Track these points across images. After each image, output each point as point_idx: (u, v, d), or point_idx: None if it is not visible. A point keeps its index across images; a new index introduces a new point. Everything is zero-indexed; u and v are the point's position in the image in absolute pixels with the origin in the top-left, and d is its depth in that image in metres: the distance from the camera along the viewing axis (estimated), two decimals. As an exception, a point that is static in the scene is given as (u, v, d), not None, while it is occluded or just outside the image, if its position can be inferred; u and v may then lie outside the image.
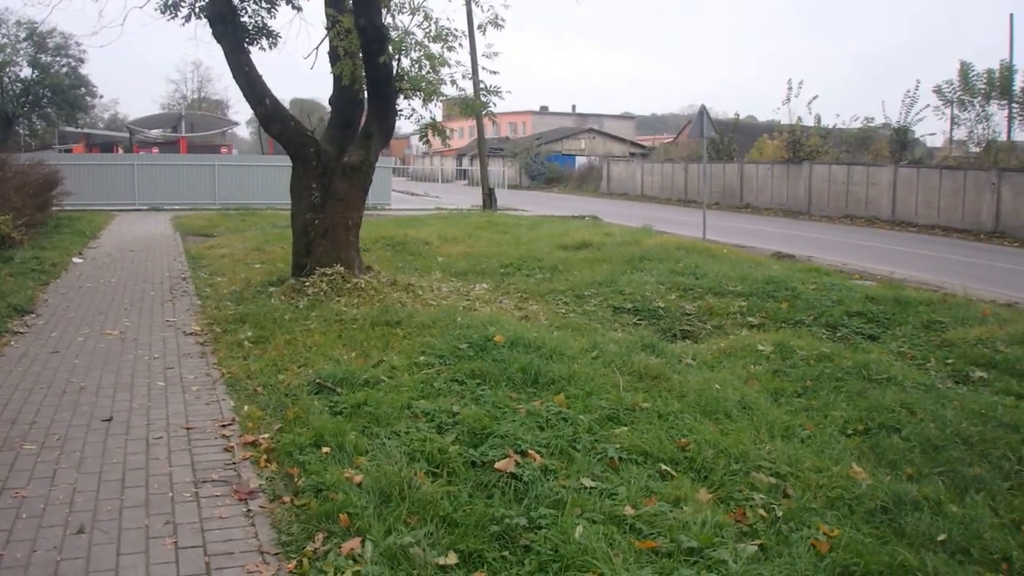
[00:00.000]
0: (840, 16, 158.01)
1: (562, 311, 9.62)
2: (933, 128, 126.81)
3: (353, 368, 6.13)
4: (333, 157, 10.21)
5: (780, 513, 4.06)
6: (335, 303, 8.69)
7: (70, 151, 40.36)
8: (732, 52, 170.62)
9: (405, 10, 9.83)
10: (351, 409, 5.29)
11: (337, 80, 10.17)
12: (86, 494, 4.22)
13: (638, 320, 9.34)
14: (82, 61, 52.98)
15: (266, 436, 5.03)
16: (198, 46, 21.63)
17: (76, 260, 13.45)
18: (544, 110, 75.97)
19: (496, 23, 10.00)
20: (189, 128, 49.27)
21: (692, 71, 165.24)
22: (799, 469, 4.59)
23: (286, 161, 11.48)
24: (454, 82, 10.20)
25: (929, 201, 24.80)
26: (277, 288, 9.71)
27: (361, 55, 9.66)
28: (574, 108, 77.80)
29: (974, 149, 29.07)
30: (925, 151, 33.87)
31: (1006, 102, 28.51)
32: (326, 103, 12.51)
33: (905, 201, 25.73)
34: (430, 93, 10.10)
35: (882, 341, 8.44)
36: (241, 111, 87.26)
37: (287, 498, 4.16)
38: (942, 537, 3.90)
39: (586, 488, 4.17)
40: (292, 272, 10.21)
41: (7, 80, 51.14)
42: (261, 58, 47.45)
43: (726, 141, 36.17)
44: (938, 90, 29.46)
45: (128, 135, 45.46)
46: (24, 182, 15.65)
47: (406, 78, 9.91)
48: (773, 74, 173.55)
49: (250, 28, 10.92)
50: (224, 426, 5.30)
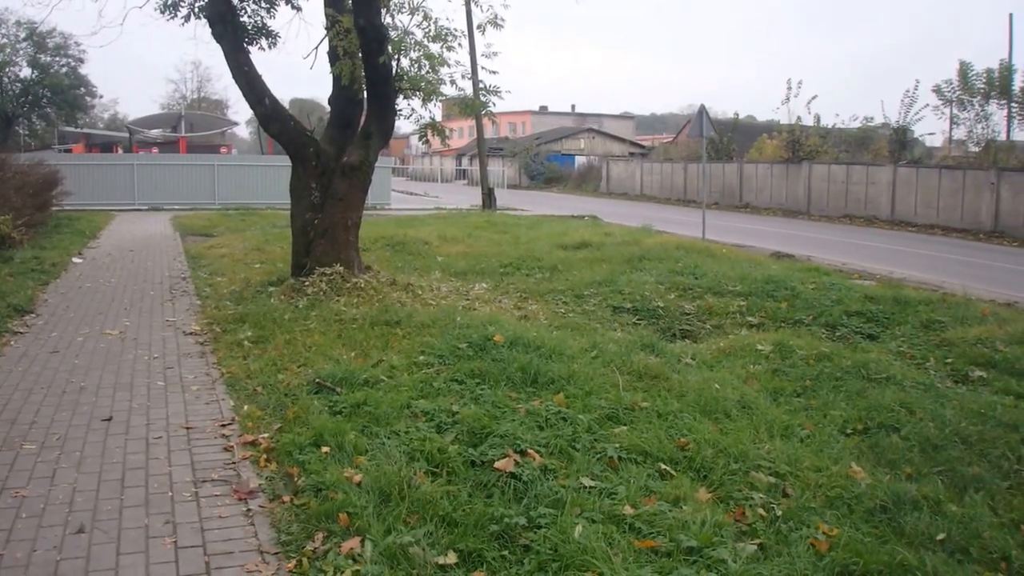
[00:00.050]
0: (839, 16, 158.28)
1: (561, 311, 9.63)
2: (932, 128, 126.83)
3: (353, 368, 6.13)
4: (332, 157, 10.22)
5: (779, 512, 4.07)
6: (335, 303, 8.69)
7: (70, 151, 40.31)
8: (731, 52, 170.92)
9: (404, 10, 9.85)
10: (351, 409, 5.30)
11: (336, 80, 10.18)
12: (86, 494, 4.23)
13: (637, 320, 9.35)
14: (82, 61, 53.08)
15: (266, 436, 5.03)
16: (198, 46, 21.71)
17: (76, 260, 13.45)
18: (543, 110, 75.96)
19: (495, 23, 10.02)
20: (189, 128, 49.25)
21: (691, 71, 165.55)
22: (798, 468, 4.59)
23: (286, 161, 11.48)
24: (453, 82, 10.24)
25: (928, 201, 24.82)
26: (277, 288, 9.71)
27: (360, 55, 9.67)
28: (573, 108, 77.83)
29: (973, 149, 29.10)
30: (924, 151, 33.88)
31: (1005, 102, 28.53)
32: (325, 103, 12.51)
33: (904, 201, 25.74)
34: (429, 93, 10.11)
35: (881, 341, 8.45)
36: (241, 111, 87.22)
37: (287, 498, 4.16)
38: (941, 536, 3.91)
39: (585, 487, 4.17)
40: (292, 272, 10.22)
41: (7, 80, 51.07)
42: (260, 58, 47.45)
43: (725, 141, 36.17)
44: (937, 90, 29.52)
45: (128, 135, 45.43)
46: (24, 182, 15.65)
47: (405, 78, 9.92)
48: (772, 74, 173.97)
49: (249, 28, 10.93)
50: (224, 426, 5.30)
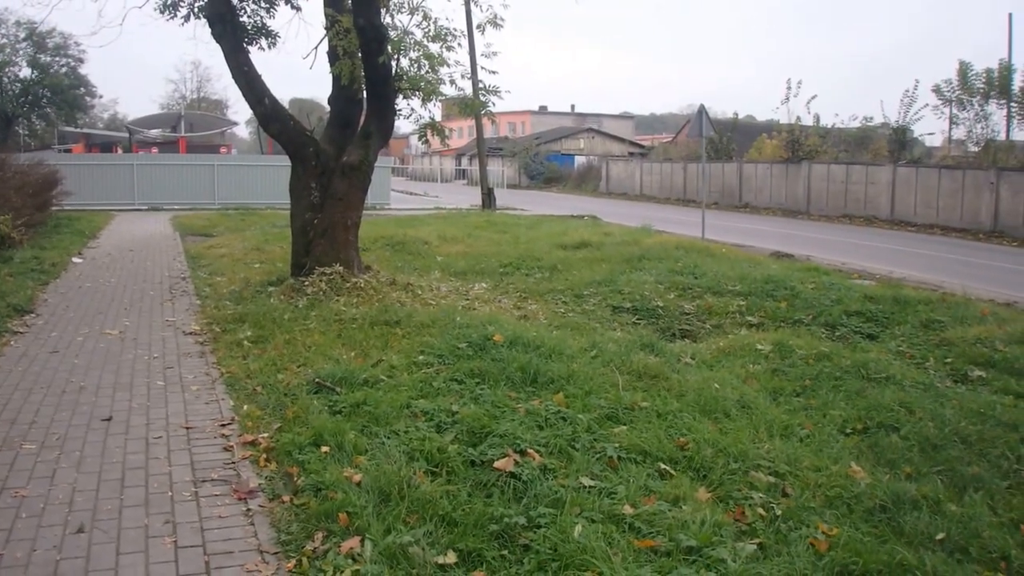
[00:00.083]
0: (839, 16, 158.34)
1: (561, 310, 9.63)
2: (932, 127, 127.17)
3: (352, 367, 6.13)
4: (332, 157, 10.22)
5: (779, 512, 4.07)
6: (334, 303, 8.69)
7: (69, 151, 40.28)
8: (731, 52, 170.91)
9: (404, 10, 9.85)
10: (350, 408, 5.30)
11: (336, 80, 10.18)
12: (86, 493, 4.23)
13: (637, 319, 9.35)
14: (81, 61, 53.07)
15: (265, 435, 5.03)
16: (197, 46, 21.72)
17: (76, 260, 13.45)
18: (543, 110, 75.96)
19: (495, 23, 10.02)
20: (188, 128, 49.21)
21: (691, 71, 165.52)
22: (798, 468, 4.60)
23: (285, 161, 11.48)
24: (453, 82, 10.23)
25: (928, 200, 24.82)
26: (276, 288, 9.71)
27: (360, 55, 9.67)
28: (573, 108, 77.83)
29: (973, 148, 29.13)
30: (924, 150, 33.91)
31: (1005, 101, 28.55)
32: (325, 103, 12.50)
33: (904, 200, 25.74)
34: (429, 93, 10.12)
35: (881, 340, 8.45)
36: (240, 111, 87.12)
37: (286, 497, 4.16)
38: (941, 536, 3.91)
39: (585, 487, 4.17)
40: (291, 272, 10.21)
41: (6, 80, 51.05)
42: (260, 58, 47.46)
43: (725, 141, 36.18)
44: (937, 90, 29.55)
45: (127, 135, 45.41)
46: (24, 182, 15.65)
47: (405, 78, 9.92)
48: (772, 74, 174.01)
49: (249, 28, 10.93)
50: (223, 425, 5.30)
